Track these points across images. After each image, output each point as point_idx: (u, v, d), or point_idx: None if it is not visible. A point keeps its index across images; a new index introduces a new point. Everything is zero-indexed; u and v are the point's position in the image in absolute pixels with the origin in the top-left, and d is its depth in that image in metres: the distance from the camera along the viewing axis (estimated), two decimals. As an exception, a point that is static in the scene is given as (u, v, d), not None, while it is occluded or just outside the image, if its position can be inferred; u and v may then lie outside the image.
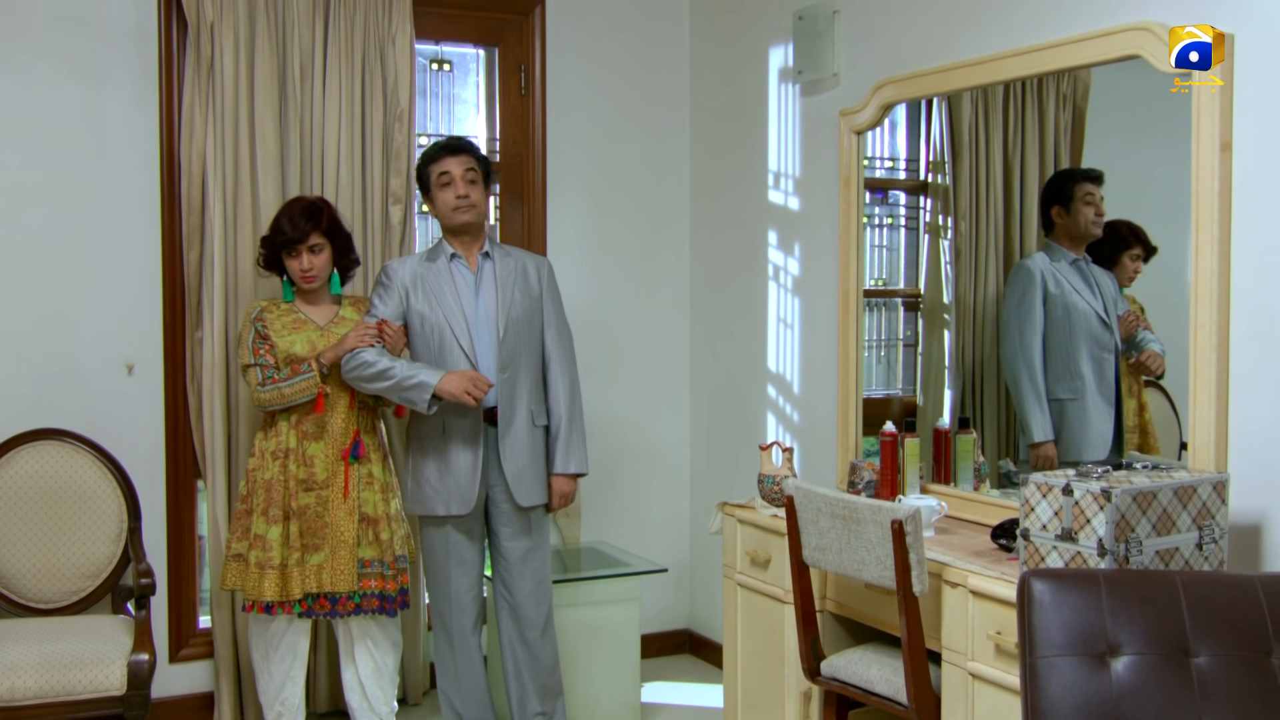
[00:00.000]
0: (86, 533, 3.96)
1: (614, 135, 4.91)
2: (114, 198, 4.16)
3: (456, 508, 3.79)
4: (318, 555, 3.79)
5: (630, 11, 4.91)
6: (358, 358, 3.72)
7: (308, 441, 3.82)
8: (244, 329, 3.88)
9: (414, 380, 3.68)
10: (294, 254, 3.84)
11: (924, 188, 4.24)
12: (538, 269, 3.93)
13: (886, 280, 4.42)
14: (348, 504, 3.81)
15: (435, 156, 3.83)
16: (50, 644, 3.57)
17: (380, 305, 3.84)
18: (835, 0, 4.13)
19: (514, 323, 3.81)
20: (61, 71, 4.08)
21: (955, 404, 4.02)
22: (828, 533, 3.20)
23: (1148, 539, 2.65)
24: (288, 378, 3.77)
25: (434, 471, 3.82)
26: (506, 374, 3.79)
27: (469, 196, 3.78)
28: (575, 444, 3.91)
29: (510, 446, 3.80)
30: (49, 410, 4.05)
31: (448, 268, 3.83)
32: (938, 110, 3.98)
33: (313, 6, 4.22)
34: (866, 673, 3.25)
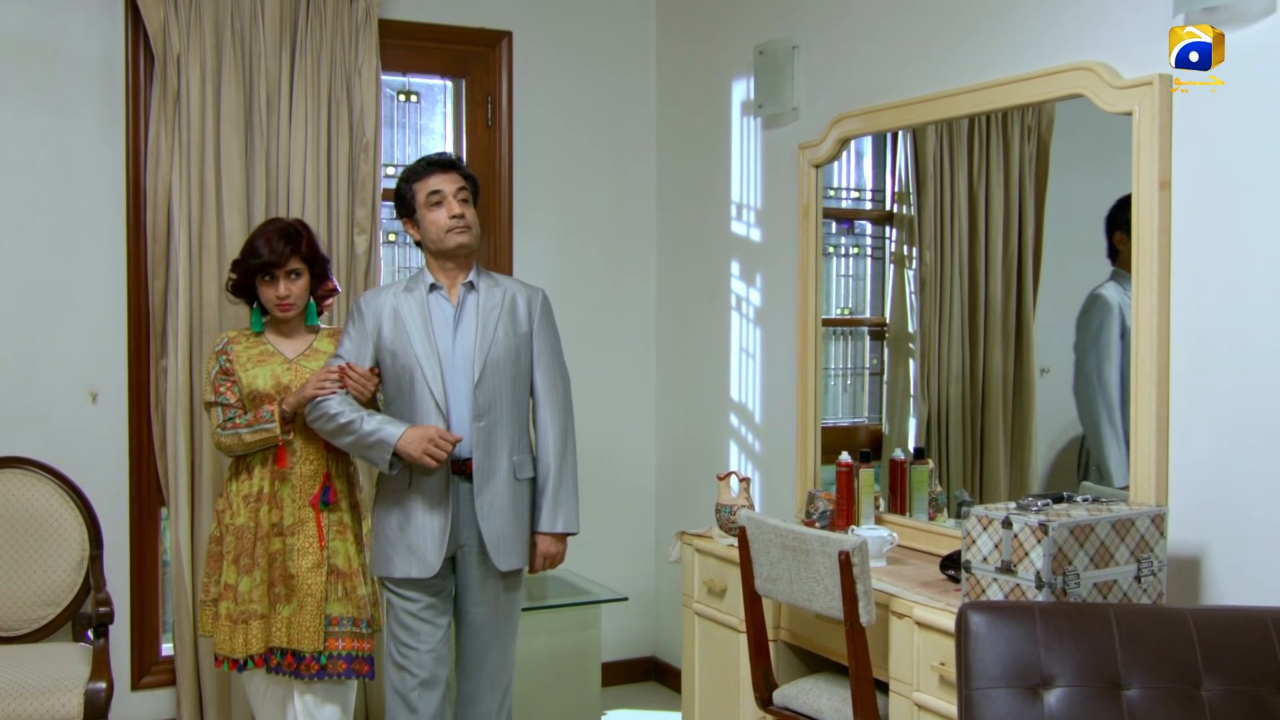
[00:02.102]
0: (47, 560, 3.97)
1: (581, 165, 4.96)
2: (79, 227, 4.19)
3: (417, 570, 3.38)
4: (286, 608, 3.53)
5: (597, 44, 4.97)
6: (319, 408, 3.39)
7: (279, 484, 3.56)
8: (208, 362, 3.65)
9: (374, 437, 3.31)
10: (270, 280, 3.57)
11: (889, 218, 4.29)
12: (529, 301, 3.50)
13: (852, 309, 4.46)
14: (317, 555, 3.54)
15: (422, 173, 3.45)
16: (7, 672, 3.58)
17: (348, 345, 3.46)
18: (795, 35, 4.19)
19: (493, 364, 3.37)
20: (27, 102, 4.12)
21: (919, 433, 4.05)
22: (778, 563, 3.23)
23: (1085, 571, 2.68)
24: (250, 423, 3.51)
25: (395, 527, 3.41)
26: (482, 423, 3.35)
27: (464, 217, 3.40)
28: (565, 499, 3.48)
29: (488, 503, 3.37)
30: (12, 438, 4.07)
31: (424, 300, 3.43)
32: (902, 142, 4.03)
33: (279, 39, 4.27)
34: (817, 702, 3.27)
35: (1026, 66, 3.27)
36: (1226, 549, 2.83)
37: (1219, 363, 2.84)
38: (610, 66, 5.00)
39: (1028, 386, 3.75)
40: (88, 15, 4.17)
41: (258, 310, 3.66)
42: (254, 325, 3.67)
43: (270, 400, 3.54)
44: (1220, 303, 2.83)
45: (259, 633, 3.52)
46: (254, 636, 3.52)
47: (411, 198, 3.45)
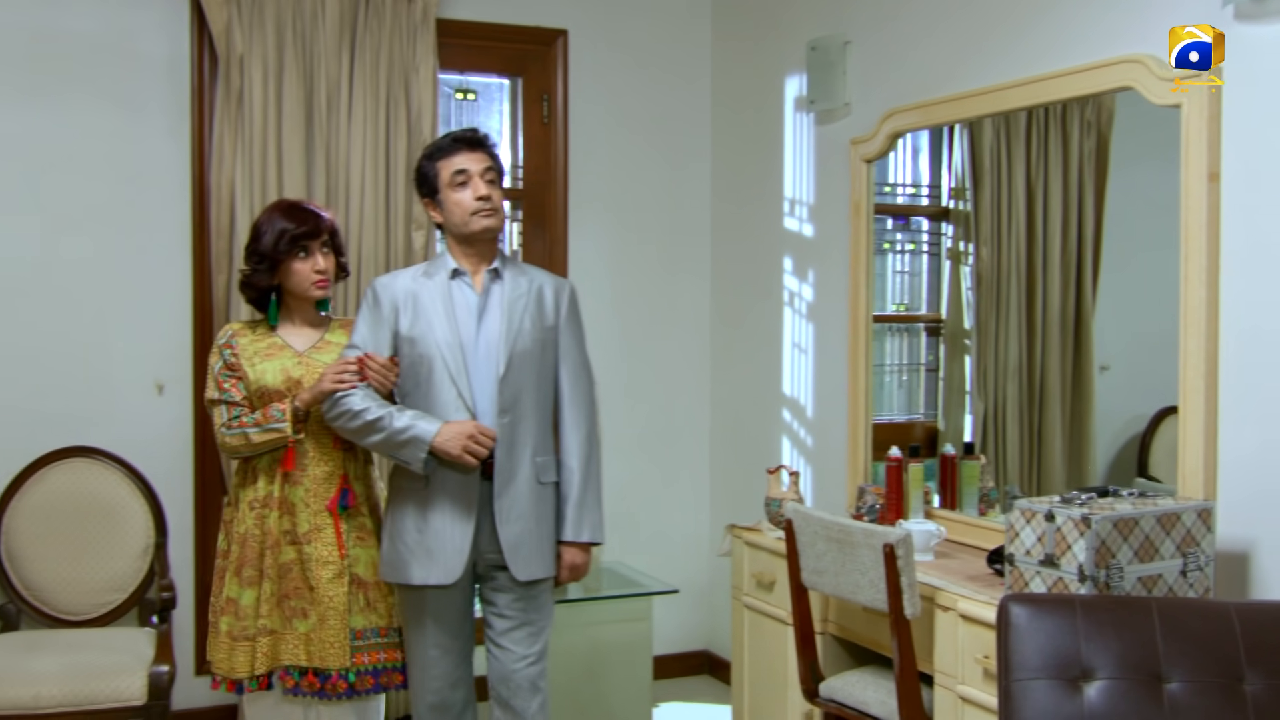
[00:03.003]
0: (114, 548, 4.09)
1: (635, 162, 5.00)
2: (147, 224, 4.31)
3: (436, 576, 3.14)
4: (304, 623, 3.24)
5: (652, 42, 5.01)
6: (340, 404, 3.13)
7: (290, 487, 3.27)
8: (211, 356, 3.38)
9: (408, 434, 3.08)
10: (305, 254, 3.31)
11: (945, 214, 4.28)
12: (556, 293, 3.29)
13: (908, 306, 4.47)
14: (338, 564, 3.26)
15: (447, 151, 3.22)
16: (75, 654, 3.70)
17: (364, 332, 3.22)
18: (847, 31, 4.20)
19: (519, 356, 3.16)
20: (98, 102, 4.24)
21: (976, 429, 4.04)
22: (824, 555, 3.25)
23: (1129, 565, 2.67)
24: (258, 422, 3.23)
25: (412, 530, 3.17)
26: (507, 419, 3.14)
27: (491, 199, 3.18)
28: (590, 507, 3.25)
29: (508, 507, 3.15)
30: (81, 428, 4.19)
31: (447, 286, 3.20)
32: (959, 138, 4.02)
33: (340, 38, 4.35)
34: (862, 695, 3.29)
35: (1076, 60, 3.26)
36: (1276, 544, 2.81)
37: (1268, 356, 2.82)
38: (665, 64, 5.04)
39: (1086, 383, 3.73)
40: (155, 18, 4.29)
41: (275, 301, 3.38)
42: (271, 317, 3.39)
43: (280, 397, 3.27)
44: (1269, 296, 2.81)
45: (266, 651, 3.26)
46: (260, 655, 3.25)
47: (434, 177, 3.21)
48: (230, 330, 3.39)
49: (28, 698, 3.54)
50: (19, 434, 4.11)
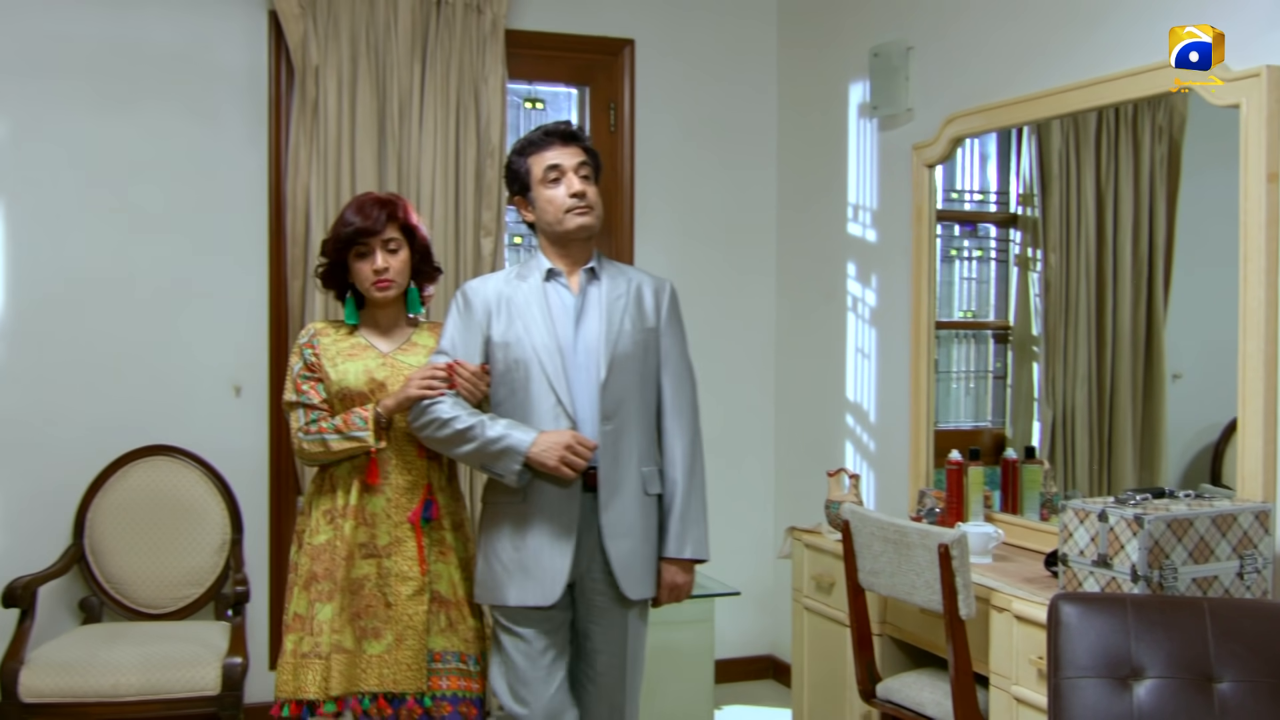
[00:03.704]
0: (192, 543, 4.22)
1: (701, 168, 5.05)
2: (226, 231, 4.45)
3: (534, 597, 2.92)
4: (378, 644, 3.03)
5: (718, 50, 5.06)
6: (429, 413, 2.94)
7: (370, 497, 3.06)
8: (291, 357, 3.19)
9: (501, 444, 2.88)
10: (365, 252, 3.10)
11: (1013, 221, 4.27)
12: (657, 292, 3.11)
13: (976, 312, 4.45)
14: (418, 580, 3.05)
15: (539, 145, 3.03)
16: (153, 645, 3.82)
17: (453, 337, 3.04)
18: (910, 37, 4.21)
19: (621, 360, 2.96)
20: (180, 113, 4.39)
21: (1044, 436, 4.02)
22: (880, 556, 3.27)
23: (1184, 566, 2.66)
24: (339, 428, 3.03)
25: (509, 548, 2.96)
26: (610, 426, 2.94)
27: (586, 195, 2.99)
28: (694, 520, 3.04)
29: (616, 521, 2.94)
30: (162, 428, 4.33)
31: (541, 288, 3.02)
32: (1027, 143, 4.01)
33: (411, 49, 4.46)
34: (919, 696, 3.30)
35: (1136, 62, 3.25)
36: (1337, 548, 2.78)
37: (1329, 358, 2.79)
38: (731, 71, 5.09)
39: (1158, 392, 3.70)
40: (234, 31, 4.43)
41: (352, 301, 3.19)
42: (348, 316, 3.20)
43: (363, 400, 3.07)
44: (1330, 297, 2.78)
45: (341, 671, 3.00)
46: (335, 676, 2.99)
47: (525, 173, 3.03)
48: (313, 329, 3.20)
49: (107, 686, 3.67)
50: (103, 433, 4.26)
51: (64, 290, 4.28)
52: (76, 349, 4.29)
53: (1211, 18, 3.04)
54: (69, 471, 4.21)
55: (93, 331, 4.32)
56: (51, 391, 4.26)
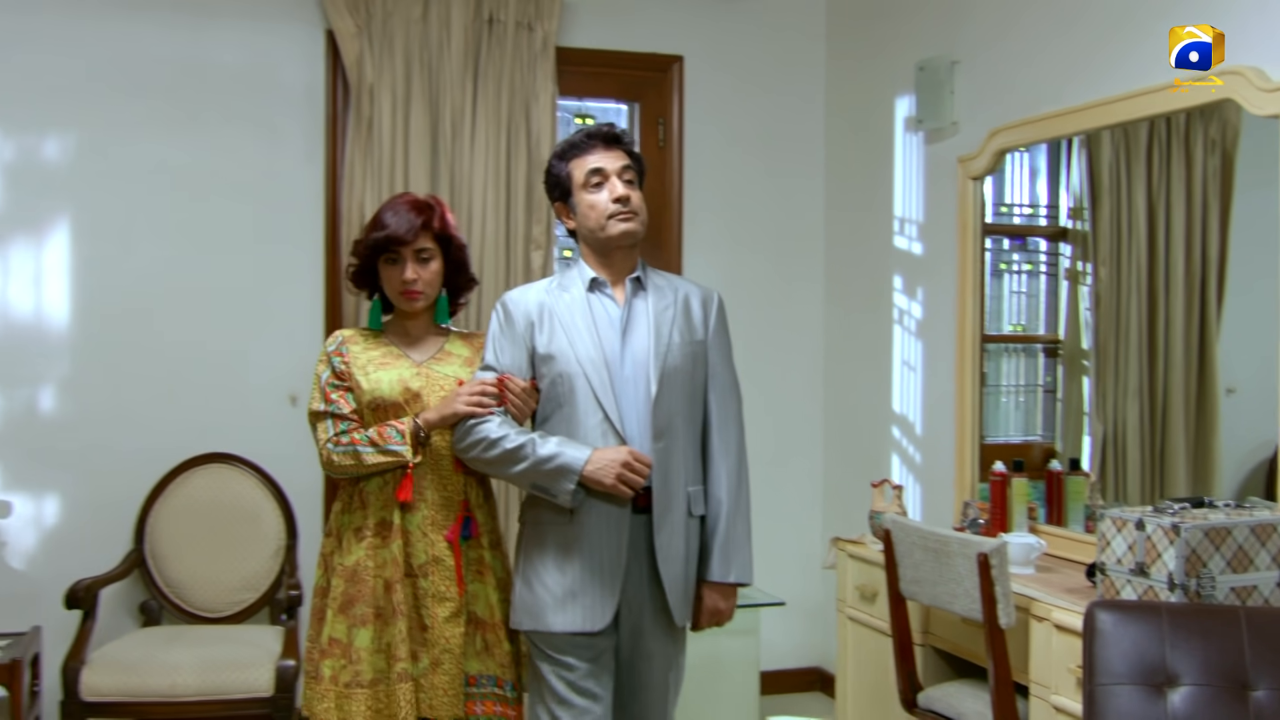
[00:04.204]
0: (249, 549, 4.32)
1: (750, 182, 5.11)
2: (283, 244, 4.57)
3: (582, 622, 2.75)
4: (414, 667, 2.88)
5: (766, 65, 5.12)
6: (476, 432, 2.79)
7: (405, 514, 2.90)
8: (318, 363, 3.02)
9: (555, 463, 2.72)
10: (395, 260, 2.96)
11: (1063, 234, 4.27)
12: (705, 303, 2.96)
13: (1025, 326, 4.45)
14: (455, 601, 2.89)
15: (582, 148, 2.88)
16: (210, 647, 3.92)
17: (500, 352, 2.87)
18: (955, 51, 4.24)
19: (670, 374, 2.81)
20: (241, 129, 4.52)
21: (1094, 450, 4.01)
22: (921, 565, 3.29)
23: (1221, 575, 2.66)
24: (374, 441, 2.86)
25: (553, 571, 2.79)
26: (661, 443, 2.78)
27: (630, 200, 2.83)
28: (739, 544, 2.89)
29: (667, 542, 2.79)
30: (221, 436, 4.45)
31: (585, 299, 2.86)
32: (1076, 156, 4.01)
33: (464, 67, 4.56)
34: (960, 705, 3.31)
35: (1178, 74, 3.26)
36: (1380, 559, 2.76)
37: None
38: (779, 83, 5.14)
39: (1211, 407, 3.67)
40: (294, 50, 4.56)
41: (378, 303, 3.07)
42: (371, 320, 3.08)
43: (396, 411, 2.91)
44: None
45: (386, 696, 2.88)
46: (388, 702, 2.88)
47: (566, 178, 2.89)
48: (340, 337, 3.03)
49: (165, 686, 3.78)
50: (164, 440, 4.38)
51: (128, 302, 4.42)
52: (139, 359, 4.42)
53: (1253, 30, 3.05)
54: (131, 478, 4.33)
55: (155, 342, 4.44)
56: (115, 400, 4.39)
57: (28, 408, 4.34)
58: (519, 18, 4.60)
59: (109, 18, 4.38)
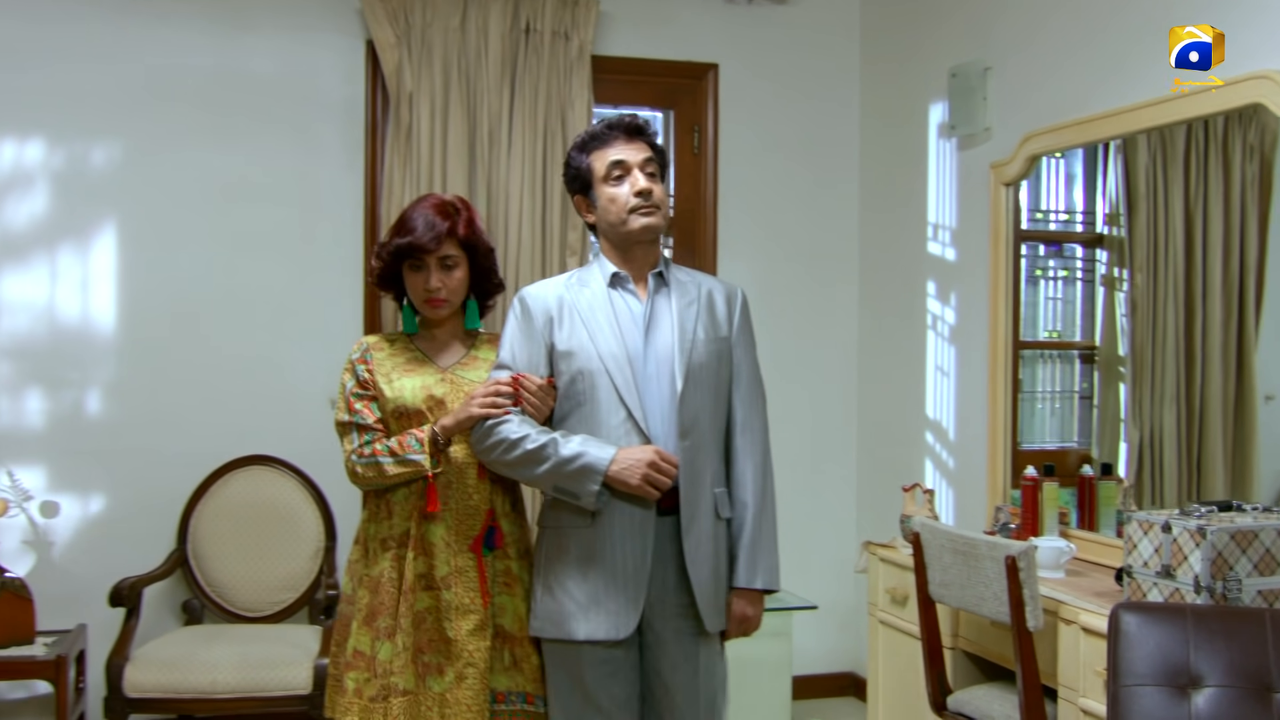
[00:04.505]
0: (289, 550, 4.40)
1: (784, 189, 5.13)
2: (324, 251, 4.65)
3: (606, 630, 2.66)
4: (440, 681, 2.77)
5: (801, 73, 5.15)
6: (495, 433, 2.69)
7: (427, 524, 2.81)
8: (343, 371, 2.95)
9: (579, 463, 2.63)
10: (419, 266, 2.87)
11: (1099, 240, 4.27)
12: (728, 299, 2.87)
13: (1061, 333, 4.46)
14: (480, 614, 2.78)
15: (602, 140, 2.79)
16: (250, 646, 4.00)
17: (515, 349, 2.78)
18: (988, 58, 4.25)
19: (695, 371, 2.72)
20: (283, 138, 4.61)
21: (1131, 457, 4.01)
22: (950, 568, 3.30)
23: (1248, 578, 2.67)
24: (394, 451, 2.78)
25: (575, 576, 2.69)
26: (687, 443, 2.69)
27: (652, 194, 2.74)
28: (766, 548, 2.79)
29: (695, 547, 2.69)
30: (261, 438, 4.53)
31: (606, 294, 2.78)
32: (1113, 162, 4.01)
33: (501, 76, 4.63)
34: (989, 708, 3.32)
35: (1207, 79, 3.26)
36: None
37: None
38: (814, 93, 5.17)
39: (1250, 413, 3.66)
40: (333, 61, 4.64)
41: (408, 307, 2.96)
42: (405, 325, 2.98)
43: (420, 419, 2.83)
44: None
45: (403, 713, 2.76)
46: (396, 717, 2.76)
47: (587, 170, 2.80)
48: (365, 344, 2.96)
49: (206, 684, 3.85)
50: (206, 442, 4.47)
51: (173, 307, 4.51)
52: (183, 363, 4.52)
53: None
54: (174, 479, 4.42)
55: (198, 347, 4.54)
56: (159, 403, 4.49)
57: (74, 410, 4.44)
58: (556, 27, 4.67)
59: (155, 29, 4.48)
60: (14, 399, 4.40)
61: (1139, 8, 3.59)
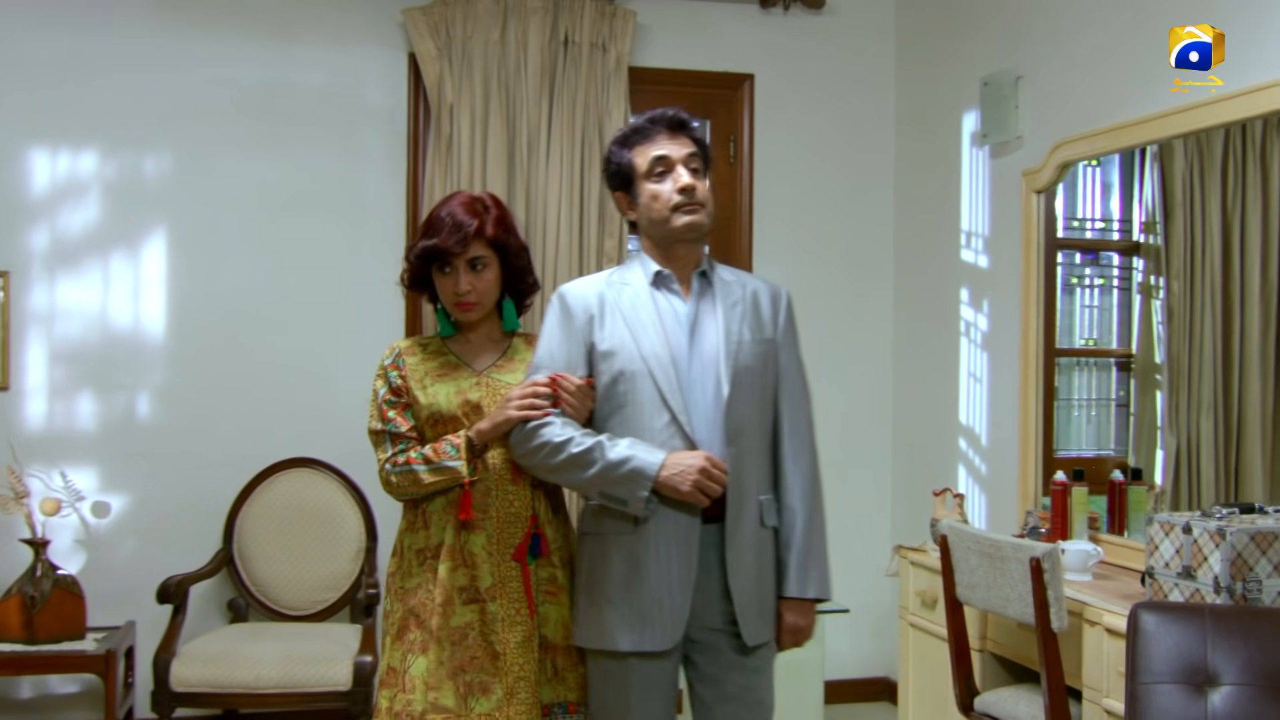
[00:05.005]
0: (331, 550, 4.50)
1: (819, 198, 5.19)
2: (367, 258, 4.75)
3: (651, 640, 2.57)
4: (486, 700, 2.65)
5: (836, 82, 5.20)
6: (539, 436, 2.60)
7: (468, 534, 2.70)
8: (375, 378, 2.85)
9: (627, 467, 2.53)
10: (447, 269, 2.76)
11: (1136, 249, 4.29)
12: (774, 300, 2.78)
13: (1098, 340, 4.47)
14: (527, 625, 2.69)
15: (645, 134, 2.69)
16: (292, 643, 4.11)
17: (552, 348, 2.68)
18: (1020, 66, 4.29)
19: (742, 375, 2.64)
20: (327, 149, 4.73)
21: (1168, 465, 4.02)
22: (977, 570, 3.34)
23: (1269, 579, 2.69)
24: (429, 458, 2.68)
25: (618, 583, 2.60)
26: (734, 448, 2.61)
27: (696, 190, 2.64)
28: (815, 556, 2.70)
29: (739, 555, 2.61)
30: (306, 441, 4.64)
31: (648, 293, 2.68)
32: (1149, 170, 4.02)
33: (540, 87, 4.72)
34: (1014, 709, 3.35)
35: (1237, 84, 3.28)
36: None
37: None
38: (849, 100, 5.22)
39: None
40: (377, 73, 4.77)
41: (442, 310, 2.84)
42: (441, 328, 2.85)
43: (455, 425, 2.73)
44: None
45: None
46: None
47: (628, 166, 2.69)
48: (396, 349, 2.86)
49: (250, 678, 3.96)
50: (251, 445, 4.60)
51: (220, 313, 4.64)
52: (229, 368, 4.64)
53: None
54: (221, 480, 4.55)
55: (244, 352, 4.66)
56: (207, 407, 4.62)
57: (125, 414, 4.58)
58: (593, 39, 4.76)
59: (206, 43, 4.62)
60: (67, 403, 4.54)
61: (1167, 16, 3.61)
